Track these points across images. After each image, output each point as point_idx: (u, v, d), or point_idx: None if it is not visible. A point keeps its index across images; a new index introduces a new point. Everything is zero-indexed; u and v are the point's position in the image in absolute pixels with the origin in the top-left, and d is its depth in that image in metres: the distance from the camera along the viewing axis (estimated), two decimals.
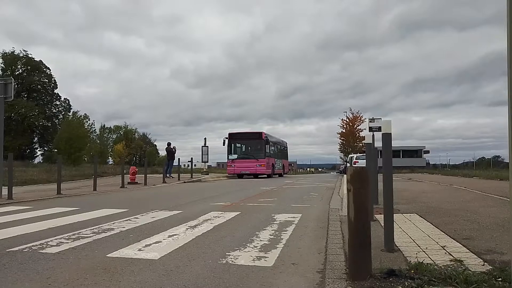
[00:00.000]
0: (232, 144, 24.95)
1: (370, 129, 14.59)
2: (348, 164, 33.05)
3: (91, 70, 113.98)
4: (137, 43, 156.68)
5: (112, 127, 66.08)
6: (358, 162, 26.88)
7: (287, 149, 33.74)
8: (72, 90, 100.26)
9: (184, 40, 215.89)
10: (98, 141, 55.89)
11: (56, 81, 49.10)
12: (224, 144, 24.79)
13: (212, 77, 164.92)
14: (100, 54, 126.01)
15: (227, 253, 3.45)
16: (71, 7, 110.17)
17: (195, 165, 22.60)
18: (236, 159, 24.46)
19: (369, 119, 15.20)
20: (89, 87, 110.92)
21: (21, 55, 45.66)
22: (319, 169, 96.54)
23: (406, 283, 2.40)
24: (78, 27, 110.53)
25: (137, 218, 5.75)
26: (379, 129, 13.91)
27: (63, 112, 49.31)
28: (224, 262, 3.17)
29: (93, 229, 4.75)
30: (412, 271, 2.59)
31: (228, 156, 24.79)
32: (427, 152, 59.65)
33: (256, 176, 24.08)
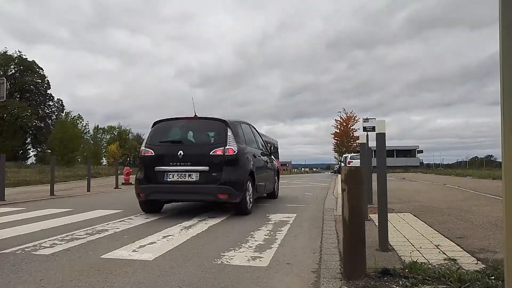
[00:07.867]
0: None
1: (364, 129, 14.66)
2: (342, 164, 33.15)
3: (96, 70, 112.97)
4: (144, 42, 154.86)
5: (105, 127, 65.70)
6: (352, 162, 27.02)
7: (277, 148, 33.67)
8: (76, 89, 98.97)
9: (193, 39, 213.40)
10: (92, 142, 55.49)
11: (50, 81, 48.82)
12: None
13: (218, 77, 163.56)
14: (106, 53, 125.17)
15: (222, 254, 3.45)
16: (80, 5, 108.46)
17: None
18: None
19: (363, 119, 15.27)
20: (93, 87, 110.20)
21: (15, 55, 45.30)
22: (314, 169, 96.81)
23: (401, 282, 2.42)
24: (86, 25, 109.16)
25: (131, 219, 5.73)
26: (373, 129, 13.98)
27: (56, 113, 48.97)
28: (219, 262, 3.16)
29: (86, 230, 4.72)
30: (406, 270, 2.60)
31: None
32: (421, 151, 60.21)
33: None
